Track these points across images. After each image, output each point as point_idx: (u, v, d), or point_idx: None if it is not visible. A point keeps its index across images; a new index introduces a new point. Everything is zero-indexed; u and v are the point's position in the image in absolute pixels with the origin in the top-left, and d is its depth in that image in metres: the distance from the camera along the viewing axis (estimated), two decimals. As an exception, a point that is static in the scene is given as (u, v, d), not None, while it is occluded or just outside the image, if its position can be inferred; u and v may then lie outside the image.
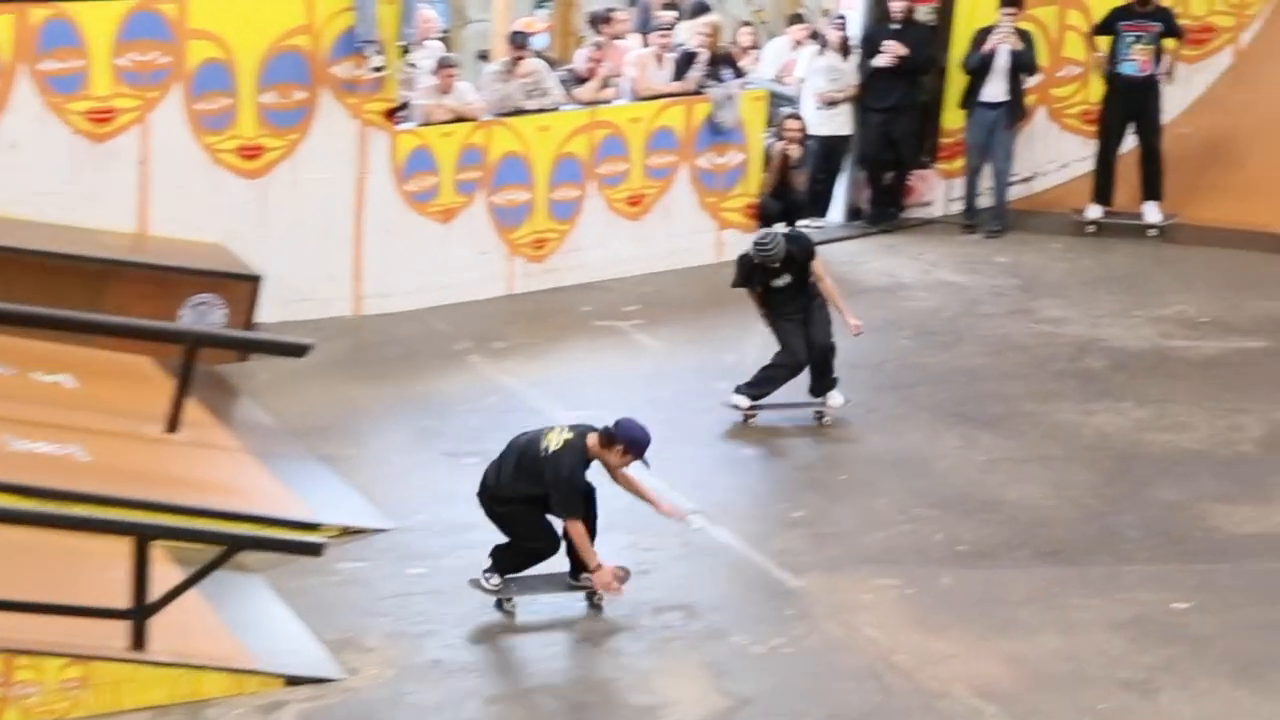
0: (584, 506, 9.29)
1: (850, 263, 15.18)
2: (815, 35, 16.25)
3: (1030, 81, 16.06)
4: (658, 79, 14.90)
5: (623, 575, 9.34)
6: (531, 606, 9.35)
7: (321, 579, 9.53)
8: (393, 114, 13.61)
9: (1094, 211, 15.93)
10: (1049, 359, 12.95)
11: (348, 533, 10.13)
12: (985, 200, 16.10)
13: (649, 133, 14.73)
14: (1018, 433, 11.72)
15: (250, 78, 13.12)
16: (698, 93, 14.90)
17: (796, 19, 16.96)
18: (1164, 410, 12.02)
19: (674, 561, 9.81)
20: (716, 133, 14.98)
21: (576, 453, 9.18)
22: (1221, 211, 15.87)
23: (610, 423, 9.27)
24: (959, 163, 16.26)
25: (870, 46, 15.95)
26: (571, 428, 9.33)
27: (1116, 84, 15.81)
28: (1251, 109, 16.41)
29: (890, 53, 15.72)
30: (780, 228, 15.25)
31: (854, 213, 16.35)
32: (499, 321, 13.64)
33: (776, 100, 15.75)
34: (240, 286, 12.65)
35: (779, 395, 11.87)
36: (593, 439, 9.23)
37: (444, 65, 13.97)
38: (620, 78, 14.87)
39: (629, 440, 9.22)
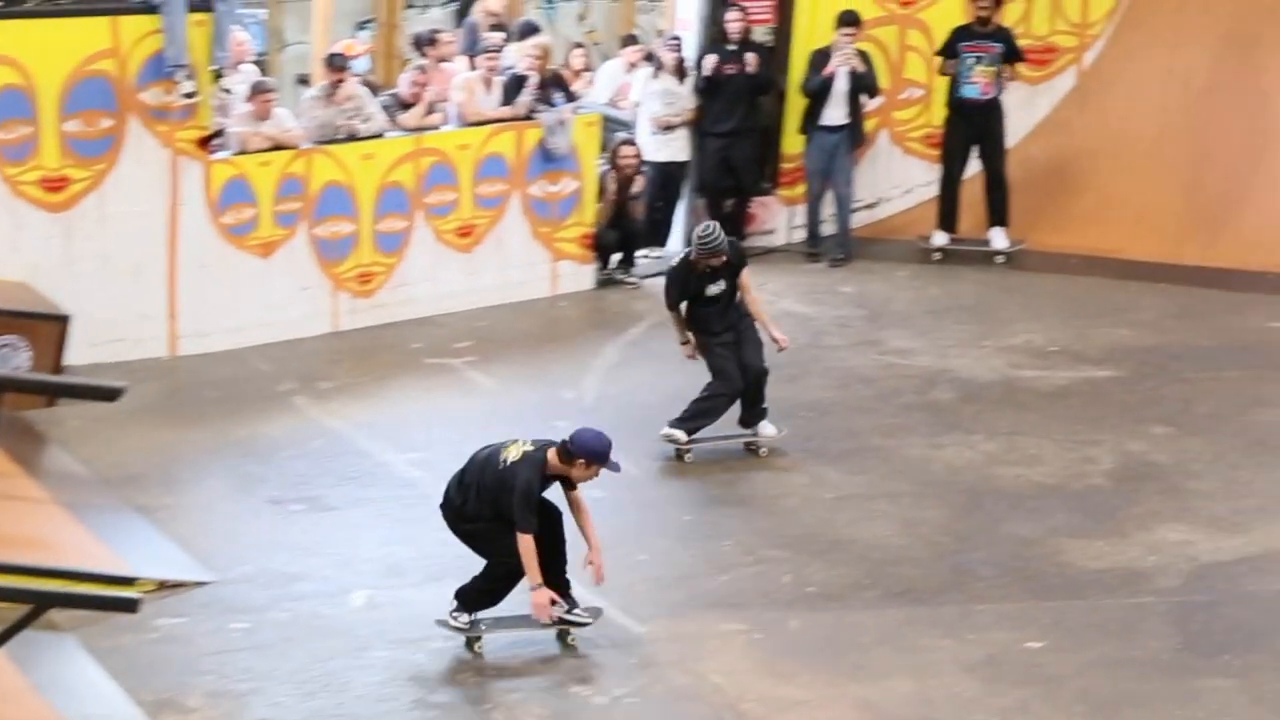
0: (540, 523, 9.26)
1: (690, 294, 15.31)
2: (650, 57, 16.37)
3: (871, 104, 16.30)
4: (486, 104, 14.94)
5: (558, 604, 9.32)
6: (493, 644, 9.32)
7: (138, 637, 9.43)
8: (206, 142, 13.52)
9: (940, 238, 16.19)
10: (897, 392, 13.13)
11: (166, 587, 10.03)
12: (829, 228, 16.32)
13: (478, 160, 14.76)
14: (866, 468, 11.87)
15: (52, 105, 12.99)
16: (528, 118, 14.97)
17: (630, 40, 17.09)
18: (1014, 443, 12.23)
19: (510, 609, 9.81)
20: (549, 159, 15.05)
21: (535, 466, 9.24)
22: (1069, 237, 16.20)
23: (567, 436, 9.31)
24: (800, 189, 16.47)
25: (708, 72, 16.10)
26: (533, 442, 9.37)
27: (958, 107, 16.08)
28: (1097, 131, 16.78)
29: (750, 64, 15.88)
30: (617, 259, 15.41)
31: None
32: (324, 360, 13.59)
33: (611, 125, 15.85)
34: (46, 327, 12.49)
35: (710, 429, 11.97)
36: (553, 454, 9.30)
37: (260, 90, 13.92)
38: (446, 102, 14.89)
39: (587, 452, 9.26)
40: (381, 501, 11.19)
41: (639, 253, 15.75)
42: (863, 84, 16.00)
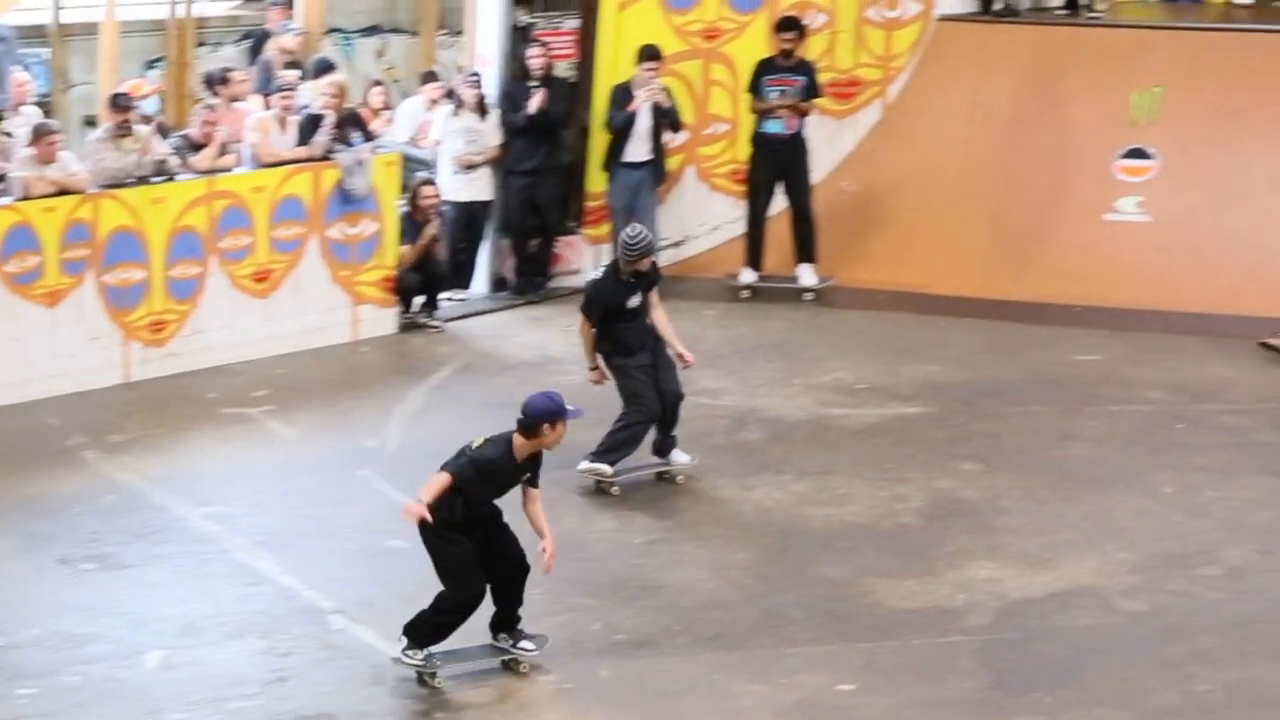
0: (495, 566, 9.52)
1: (497, 337, 15.33)
2: (450, 94, 16.39)
3: (675, 139, 16.43)
4: (281, 144, 14.87)
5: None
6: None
7: (-80, 706, 9.25)
8: (-12, 188, 13.34)
9: (748, 276, 16.35)
10: (706, 432, 13.22)
11: (-52, 653, 9.85)
12: (635, 266, 16.37)
13: (274, 202, 14.68)
14: (675, 511, 11.95)
15: None
16: (325, 158, 14.91)
17: (430, 77, 17.09)
18: (824, 483, 12.37)
19: (314, 667, 9.75)
20: (347, 201, 15.01)
21: (502, 445, 9.42)
22: (877, 272, 16.43)
23: (518, 417, 9.43)
24: (605, 228, 16.55)
25: (510, 104, 16.15)
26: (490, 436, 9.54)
27: (762, 143, 16.25)
28: (903, 165, 17.04)
29: (535, 104, 15.94)
30: (420, 302, 15.37)
31: (499, 283, 16.50)
32: (116, 413, 13.42)
33: (411, 164, 15.84)
34: None
35: (630, 460, 12.10)
36: (517, 438, 9.44)
37: (43, 133, 13.72)
38: (240, 143, 14.80)
39: (544, 414, 9.39)
40: (177, 558, 11.06)
41: (442, 295, 15.74)
42: (666, 119, 16.14)
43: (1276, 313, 14.65)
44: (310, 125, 14.93)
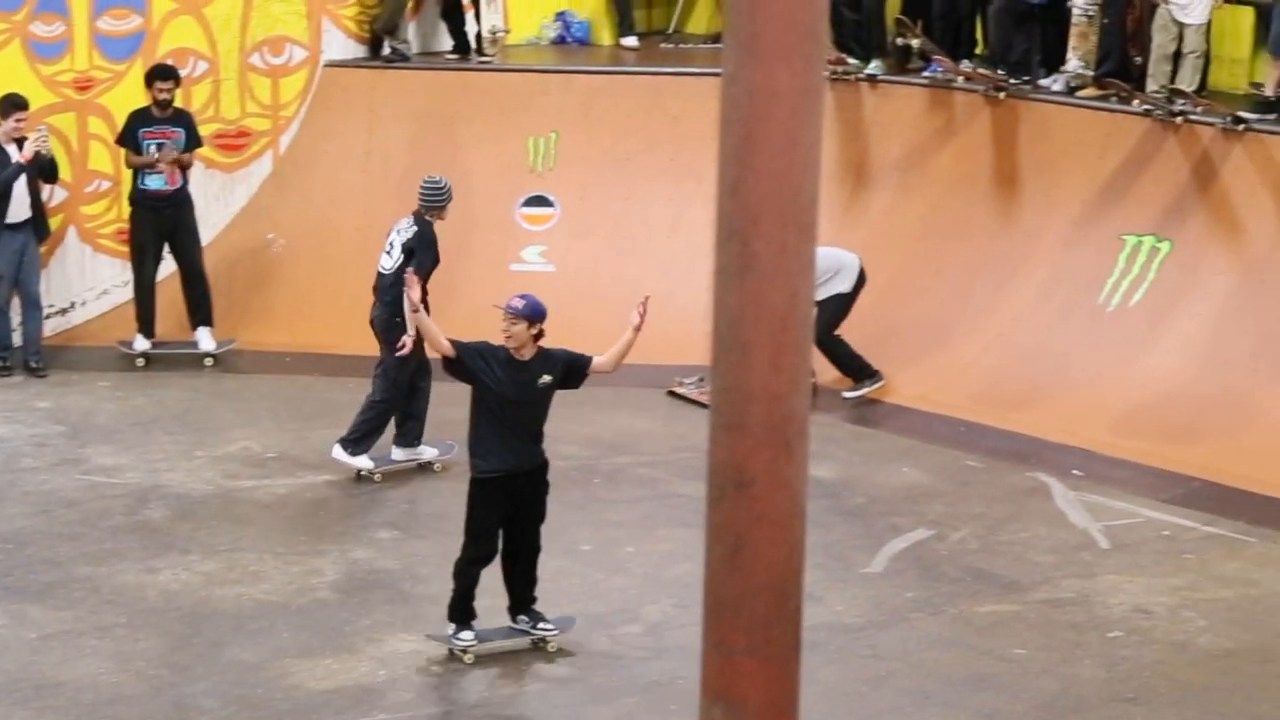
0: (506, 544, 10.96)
1: None
2: None
3: (54, 195, 16.02)
4: None
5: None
6: None
7: None
8: None
9: (141, 343, 16.03)
10: (104, 514, 12.97)
11: None
12: (19, 336, 15.88)
13: None
14: (73, 602, 11.67)
15: None
16: None
17: None
18: (234, 560, 12.27)
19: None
20: None
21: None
22: (279, 334, 16.37)
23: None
24: (-13, 297, 16.00)
25: None
26: None
27: (143, 200, 15.95)
28: (298, 218, 17.04)
29: None
30: None
31: None
32: None
33: None
34: None
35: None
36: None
37: None
38: None
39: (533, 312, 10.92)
40: None
41: None
42: (43, 170, 15.66)
43: (683, 360, 15.15)
44: None
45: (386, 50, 17.63)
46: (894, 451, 14.34)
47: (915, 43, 17.20)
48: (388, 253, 13.62)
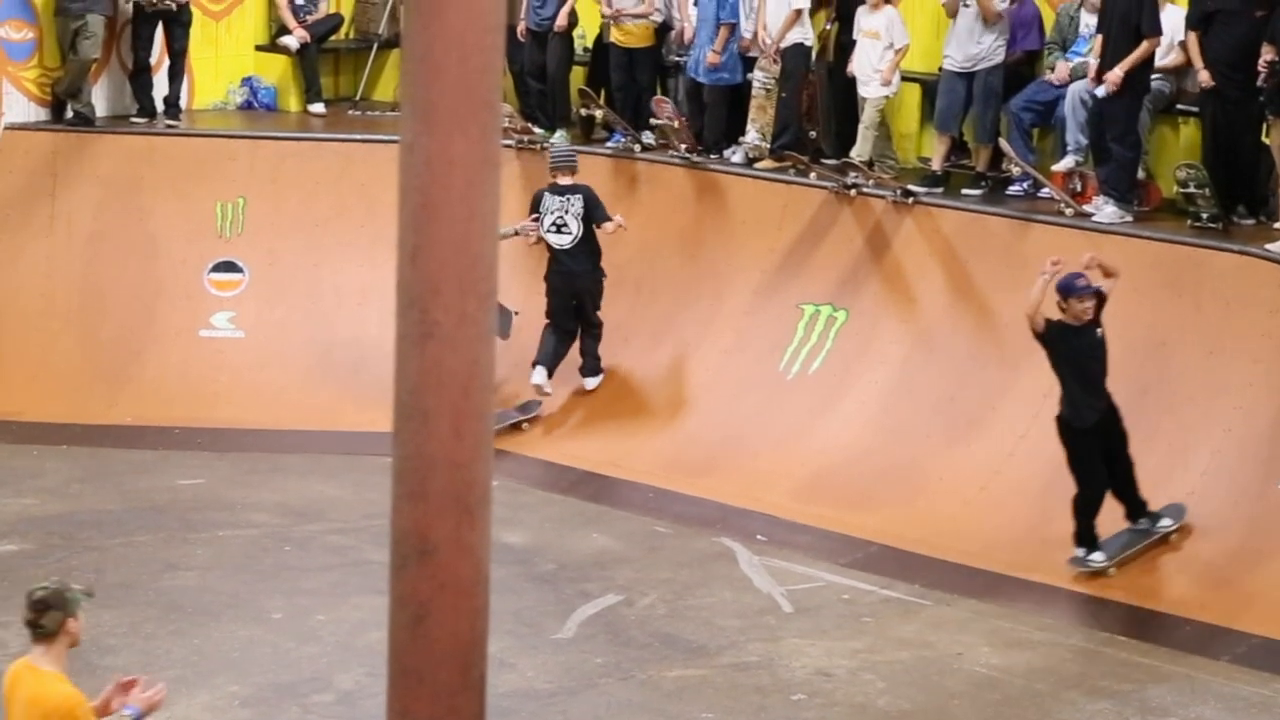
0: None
1: None
2: None
3: None
4: None
5: None
6: None
7: None
8: None
9: None
10: None
11: None
12: None
13: None
14: None
15: None
16: None
17: None
18: None
19: None
20: None
21: None
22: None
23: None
24: None
25: None
26: None
27: None
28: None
29: None
30: None
31: None
32: None
33: None
34: None
35: None
36: None
37: None
38: None
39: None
40: None
41: None
42: None
43: (375, 428, 15.35)
44: None
45: (69, 114, 17.74)
46: (584, 517, 14.65)
47: (599, 114, 17.81)
48: (558, 230, 15.85)
